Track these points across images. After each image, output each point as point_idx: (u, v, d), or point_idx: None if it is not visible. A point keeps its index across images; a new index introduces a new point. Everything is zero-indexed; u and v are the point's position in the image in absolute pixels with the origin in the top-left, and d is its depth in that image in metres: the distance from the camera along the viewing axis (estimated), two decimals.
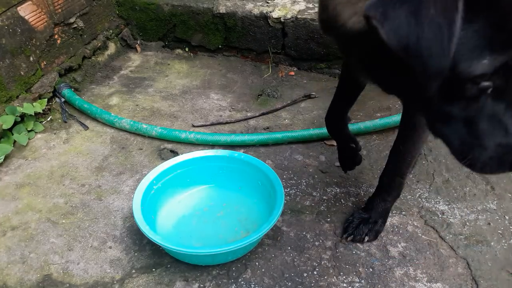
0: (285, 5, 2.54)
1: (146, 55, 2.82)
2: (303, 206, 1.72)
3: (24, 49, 2.16)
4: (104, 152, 2.03)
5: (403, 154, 1.45)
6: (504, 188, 1.75)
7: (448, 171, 1.84)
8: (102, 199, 1.78)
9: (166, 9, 2.68)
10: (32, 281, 1.47)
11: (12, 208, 1.75)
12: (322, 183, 1.82)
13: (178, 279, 1.46)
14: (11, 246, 1.59)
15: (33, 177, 1.90)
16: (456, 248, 1.53)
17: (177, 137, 2.04)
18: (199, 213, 1.68)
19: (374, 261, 1.50)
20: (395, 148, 1.47)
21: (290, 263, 1.50)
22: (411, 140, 1.42)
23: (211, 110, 2.27)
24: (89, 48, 2.60)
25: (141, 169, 1.92)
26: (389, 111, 2.19)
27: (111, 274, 1.49)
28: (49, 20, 2.29)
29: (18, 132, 2.06)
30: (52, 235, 1.63)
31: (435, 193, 1.75)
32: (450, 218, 1.64)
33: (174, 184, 1.71)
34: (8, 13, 2.05)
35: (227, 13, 2.57)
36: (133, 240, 1.60)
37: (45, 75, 2.30)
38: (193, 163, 1.74)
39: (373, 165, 1.90)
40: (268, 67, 2.60)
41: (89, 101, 2.33)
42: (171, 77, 2.58)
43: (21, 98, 2.14)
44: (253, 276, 1.47)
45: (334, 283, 1.44)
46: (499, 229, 1.59)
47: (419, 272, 1.46)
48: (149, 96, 2.41)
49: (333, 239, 1.58)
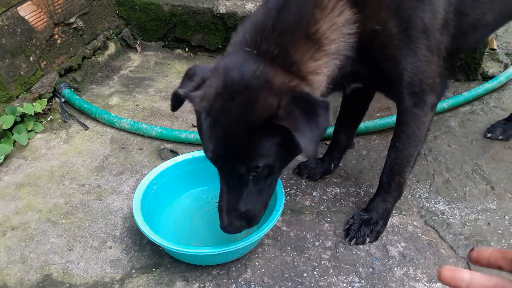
0: None
1: (146, 55, 2.82)
2: (303, 206, 1.72)
3: (24, 49, 2.16)
4: (104, 152, 2.03)
5: (400, 151, 1.46)
6: (504, 188, 1.75)
7: (448, 171, 1.84)
8: (102, 199, 1.78)
9: (166, 9, 2.68)
10: (32, 281, 1.47)
11: (12, 208, 1.75)
12: (322, 183, 1.82)
13: (178, 279, 1.46)
14: (11, 246, 1.59)
15: (33, 177, 1.90)
16: (456, 248, 1.53)
17: (177, 137, 2.04)
18: (199, 213, 1.68)
19: (374, 261, 1.50)
20: (392, 146, 1.48)
21: (290, 263, 1.50)
22: (405, 136, 1.43)
23: None
24: (89, 48, 2.60)
25: (141, 169, 1.92)
26: (389, 111, 2.19)
27: (111, 274, 1.49)
28: (49, 20, 2.29)
29: (18, 132, 2.06)
30: (52, 235, 1.63)
31: (435, 193, 1.75)
32: (450, 218, 1.64)
33: (174, 184, 1.71)
34: (8, 13, 2.05)
35: (227, 13, 2.57)
36: (133, 240, 1.60)
37: (45, 75, 2.30)
38: (193, 163, 1.74)
39: (373, 165, 1.90)
40: None
41: (89, 101, 2.33)
42: (171, 77, 2.58)
43: (21, 98, 2.14)
44: (253, 276, 1.47)
45: (334, 283, 1.44)
46: (499, 229, 1.59)
47: (419, 272, 1.46)
48: (149, 96, 2.41)
49: (333, 239, 1.58)
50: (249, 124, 1.11)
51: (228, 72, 1.15)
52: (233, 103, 1.12)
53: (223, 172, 1.25)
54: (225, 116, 1.13)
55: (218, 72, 1.18)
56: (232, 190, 1.26)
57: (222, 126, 1.14)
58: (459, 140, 2.01)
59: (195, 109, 1.21)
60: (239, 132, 1.13)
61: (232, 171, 1.21)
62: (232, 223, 1.28)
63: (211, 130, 1.16)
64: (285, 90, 1.11)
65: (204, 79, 1.23)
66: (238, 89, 1.12)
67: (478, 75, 2.40)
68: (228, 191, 1.26)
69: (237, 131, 1.13)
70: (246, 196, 1.25)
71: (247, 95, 1.12)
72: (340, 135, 1.79)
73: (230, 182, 1.25)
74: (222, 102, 1.14)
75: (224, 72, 1.16)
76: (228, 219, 1.28)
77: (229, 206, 1.27)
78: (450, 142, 2.00)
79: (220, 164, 1.22)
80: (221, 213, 1.29)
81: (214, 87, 1.16)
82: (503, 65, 2.45)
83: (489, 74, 2.38)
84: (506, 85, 2.34)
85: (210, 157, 1.21)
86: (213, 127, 1.15)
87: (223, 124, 1.14)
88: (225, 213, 1.28)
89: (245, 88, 1.12)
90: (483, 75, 2.40)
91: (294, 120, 1.07)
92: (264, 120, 1.10)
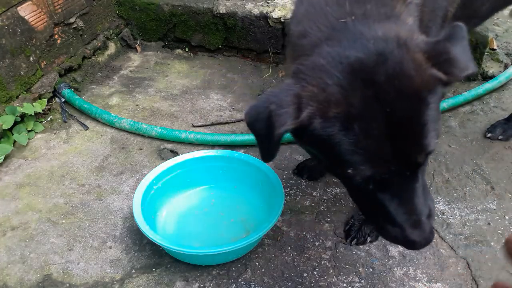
0: (285, 5, 2.53)
1: (146, 55, 2.82)
2: (303, 206, 1.72)
3: (24, 49, 2.16)
4: (104, 152, 2.03)
5: None
6: (504, 188, 1.75)
7: (448, 171, 1.84)
8: (102, 199, 1.78)
9: (166, 9, 2.68)
10: (32, 281, 1.47)
11: (12, 208, 1.75)
12: (322, 183, 1.82)
13: (178, 279, 1.46)
14: (11, 246, 1.59)
15: (33, 177, 1.90)
16: (456, 248, 1.53)
17: (177, 137, 2.04)
18: (199, 213, 1.68)
19: (374, 261, 1.50)
20: None
21: (290, 263, 1.50)
22: None
23: (211, 110, 2.27)
24: (89, 48, 2.60)
25: (141, 169, 1.92)
26: None
27: (111, 274, 1.49)
28: (49, 20, 2.29)
29: (18, 132, 2.06)
30: (52, 235, 1.63)
31: (435, 193, 1.75)
32: (450, 218, 1.64)
33: (174, 184, 1.71)
34: (8, 13, 2.05)
35: (227, 13, 2.57)
36: (133, 240, 1.60)
37: (45, 75, 2.30)
38: (193, 163, 1.74)
39: None
40: (268, 67, 2.60)
41: (89, 101, 2.33)
42: (171, 77, 2.58)
43: (21, 98, 2.14)
44: (253, 276, 1.47)
45: (334, 283, 1.43)
46: (499, 229, 1.59)
47: (419, 272, 1.46)
48: (149, 96, 2.41)
49: (333, 239, 1.58)
50: (417, 96, 0.89)
51: (346, 53, 0.90)
52: (379, 85, 0.88)
53: (390, 180, 0.95)
54: (377, 106, 0.87)
55: (322, 66, 0.92)
56: (408, 196, 0.98)
57: (379, 120, 0.87)
58: (459, 140, 2.01)
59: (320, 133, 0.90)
60: (406, 114, 0.89)
61: (405, 170, 0.94)
62: (428, 232, 1.00)
63: (364, 135, 0.88)
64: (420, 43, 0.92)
65: (300, 94, 0.91)
66: (374, 64, 0.88)
67: (478, 75, 2.40)
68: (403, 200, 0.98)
69: (403, 115, 0.88)
70: (421, 193, 0.99)
71: (393, 64, 0.88)
72: None
73: (401, 188, 0.97)
74: (362, 91, 0.88)
75: (339, 56, 0.91)
76: (425, 235, 0.99)
77: (414, 217, 0.98)
78: (450, 142, 2.00)
79: (390, 169, 0.92)
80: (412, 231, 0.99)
81: (333, 85, 0.89)
82: (503, 65, 2.45)
83: (489, 74, 2.38)
84: (506, 85, 2.34)
85: (372, 171, 0.92)
86: (365, 130, 0.88)
87: (379, 117, 0.87)
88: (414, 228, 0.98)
89: (384, 58, 0.89)
90: (483, 75, 2.40)
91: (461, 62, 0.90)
92: (430, 81, 0.89)
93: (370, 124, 0.88)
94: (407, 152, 0.91)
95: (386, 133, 0.88)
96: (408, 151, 0.91)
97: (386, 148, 0.89)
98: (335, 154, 0.92)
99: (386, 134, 0.88)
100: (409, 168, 0.93)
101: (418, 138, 0.90)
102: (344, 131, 0.89)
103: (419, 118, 0.89)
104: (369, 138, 0.89)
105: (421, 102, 0.89)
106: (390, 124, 0.88)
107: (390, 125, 0.88)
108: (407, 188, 0.97)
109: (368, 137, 0.88)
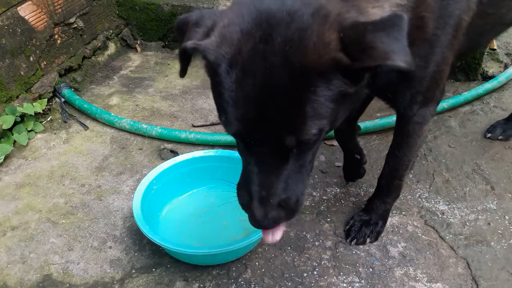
0: None
1: (146, 55, 2.82)
2: (303, 206, 1.72)
3: (24, 49, 2.16)
4: (104, 152, 2.03)
5: (399, 159, 1.43)
6: (504, 188, 1.75)
7: (448, 171, 1.84)
8: (102, 199, 1.78)
9: (166, 9, 2.68)
10: (32, 281, 1.47)
11: (12, 208, 1.75)
12: (322, 183, 1.82)
13: (178, 279, 1.46)
14: (11, 246, 1.59)
15: (33, 177, 1.90)
16: (456, 248, 1.53)
17: (177, 137, 2.04)
18: (199, 213, 1.68)
19: (374, 261, 1.50)
20: (391, 153, 1.45)
21: (290, 263, 1.50)
22: (406, 146, 1.40)
23: (211, 110, 2.27)
24: (89, 48, 2.60)
25: (141, 169, 1.92)
26: (389, 111, 2.18)
27: (111, 274, 1.49)
28: (49, 20, 2.29)
29: (18, 132, 2.06)
30: (52, 235, 1.63)
31: (435, 193, 1.75)
32: (450, 218, 1.64)
33: (174, 184, 1.71)
34: (8, 13, 2.05)
35: None
36: (133, 240, 1.60)
37: (45, 75, 2.30)
38: (193, 163, 1.74)
39: (373, 165, 1.90)
40: None
41: (89, 101, 2.33)
42: (171, 77, 2.58)
43: (21, 98, 2.14)
44: (253, 276, 1.47)
45: (334, 283, 1.44)
46: (499, 229, 1.59)
47: (419, 272, 1.46)
48: (149, 96, 2.41)
49: (333, 239, 1.58)
50: (301, 72, 0.81)
51: (264, 0, 0.84)
52: (273, 44, 0.81)
53: (256, 147, 0.92)
54: (260, 64, 0.81)
55: (241, 4, 0.87)
56: (268, 171, 0.94)
57: (257, 79, 0.82)
58: (459, 140, 2.01)
59: (211, 61, 0.88)
60: (284, 85, 0.82)
61: (271, 145, 0.89)
62: (269, 214, 0.96)
63: (239, 87, 0.84)
64: (342, 22, 0.83)
65: (217, 22, 0.90)
66: (279, 21, 0.82)
67: (478, 75, 2.40)
68: (261, 172, 0.94)
69: (281, 84, 0.82)
70: (286, 178, 0.95)
71: (295, 29, 0.81)
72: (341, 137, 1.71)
73: (265, 161, 0.93)
74: (255, 43, 0.82)
75: (258, 0, 0.85)
76: (263, 210, 0.96)
77: (263, 193, 0.95)
78: (450, 142, 2.00)
79: (254, 136, 0.89)
80: (252, 203, 0.97)
81: (238, 25, 0.85)
82: (503, 65, 2.45)
83: (489, 74, 2.38)
84: (506, 85, 2.34)
85: (236, 128, 0.89)
86: (241, 82, 0.83)
87: (258, 75, 0.82)
88: (258, 202, 0.96)
89: (291, 19, 0.81)
90: (483, 75, 2.40)
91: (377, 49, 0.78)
92: (327, 64, 0.81)
93: (247, 79, 0.83)
94: (272, 127, 0.86)
95: (258, 96, 0.83)
96: (274, 127, 0.86)
97: (252, 112, 0.84)
98: (217, 94, 0.90)
99: (258, 98, 0.83)
100: (276, 146, 0.89)
101: (288, 118, 0.84)
102: (226, 73, 0.85)
103: (295, 98, 0.82)
104: (241, 94, 0.84)
105: (305, 82, 0.82)
106: (265, 89, 0.82)
107: (264, 90, 0.82)
108: (271, 165, 0.93)
109: (241, 92, 0.84)
